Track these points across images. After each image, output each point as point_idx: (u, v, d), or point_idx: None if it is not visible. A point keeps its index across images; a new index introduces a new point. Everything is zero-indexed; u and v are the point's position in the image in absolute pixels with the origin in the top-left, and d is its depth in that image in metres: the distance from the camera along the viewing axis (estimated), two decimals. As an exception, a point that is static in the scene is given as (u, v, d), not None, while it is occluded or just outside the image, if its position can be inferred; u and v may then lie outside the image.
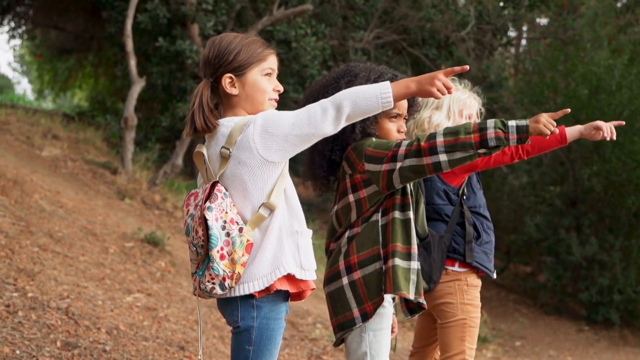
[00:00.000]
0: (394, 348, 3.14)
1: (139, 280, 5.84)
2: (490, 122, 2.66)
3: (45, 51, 19.73)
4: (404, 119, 2.99)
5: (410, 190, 2.90)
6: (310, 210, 14.44)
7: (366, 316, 2.81)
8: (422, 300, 2.87)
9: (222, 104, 2.56)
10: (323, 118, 2.37)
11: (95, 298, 4.98)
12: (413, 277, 2.81)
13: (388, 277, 2.78)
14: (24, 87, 54.97)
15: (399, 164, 2.70)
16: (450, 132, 2.67)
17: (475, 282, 3.35)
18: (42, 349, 3.90)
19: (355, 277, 2.82)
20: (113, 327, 4.56)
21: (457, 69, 2.48)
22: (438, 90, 2.44)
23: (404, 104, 2.96)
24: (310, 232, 2.54)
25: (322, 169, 2.97)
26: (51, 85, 22.13)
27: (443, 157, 2.65)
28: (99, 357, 4.07)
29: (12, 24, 17.24)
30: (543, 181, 12.90)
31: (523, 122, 2.66)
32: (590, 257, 11.31)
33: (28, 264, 5.09)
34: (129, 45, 9.57)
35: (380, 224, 2.84)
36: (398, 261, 2.78)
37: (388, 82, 2.41)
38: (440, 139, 2.65)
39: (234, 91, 2.51)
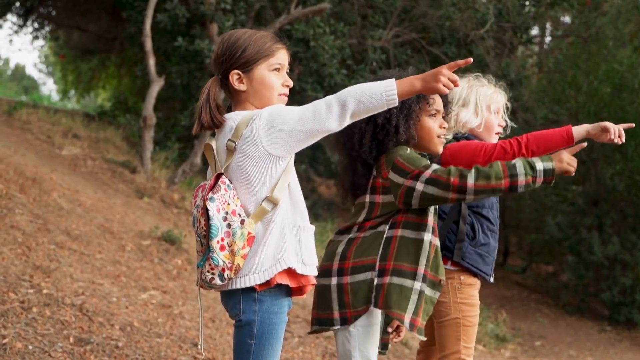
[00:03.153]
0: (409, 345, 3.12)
1: (154, 278, 5.87)
2: (520, 168, 2.67)
3: (69, 52, 19.93)
4: (442, 116, 2.99)
5: (434, 211, 2.88)
6: (331, 209, 14.43)
7: (345, 321, 2.82)
8: (417, 330, 2.81)
9: (232, 99, 2.59)
10: (328, 114, 2.37)
11: (110, 295, 5.01)
12: (414, 297, 2.77)
13: (382, 292, 2.76)
14: (49, 87, 55.55)
15: (421, 185, 2.70)
16: (482, 175, 2.68)
17: (470, 280, 3.29)
18: (54, 345, 3.93)
19: (344, 281, 2.82)
20: (127, 324, 4.58)
21: (461, 62, 2.45)
22: (444, 85, 2.42)
23: (439, 100, 2.96)
24: (313, 227, 2.54)
25: (366, 178, 2.94)
26: (75, 85, 22.35)
27: (470, 197, 2.69)
28: (112, 353, 4.09)
29: (36, 25, 17.42)
30: (565, 180, 12.80)
31: (550, 165, 2.68)
32: (612, 256, 11.22)
33: (44, 261, 5.13)
34: (148, 44, 9.63)
35: (385, 235, 2.82)
36: (400, 280, 2.76)
37: (393, 79, 2.39)
38: (471, 182, 2.67)
39: (241, 87, 2.52)
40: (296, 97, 9.43)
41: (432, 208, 2.85)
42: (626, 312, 10.89)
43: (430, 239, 2.82)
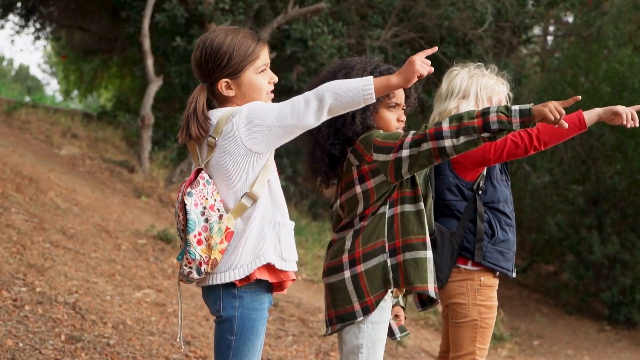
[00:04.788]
0: (398, 338, 3.11)
1: (149, 277, 5.88)
2: (494, 107, 2.67)
3: (70, 52, 19.94)
4: (402, 109, 2.99)
5: (420, 182, 2.91)
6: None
7: (367, 310, 2.81)
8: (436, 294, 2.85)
9: (217, 101, 2.58)
10: (306, 110, 2.39)
11: (104, 293, 5.03)
12: (430, 265, 2.80)
13: (400, 271, 2.79)
14: (53, 88, 55.51)
15: (406, 152, 2.72)
16: (455, 118, 2.69)
17: (490, 281, 3.23)
18: (45, 342, 3.95)
19: (358, 270, 2.82)
20: (120, 322, 4.59)
21: (429, 51, 2.50)
22: (419, 69, 2.47)
23: (401, 93, 2.97)
24: (293, 224, 2.56)
25: (324, 164, 2.96)
26: (77, 85, 22.35)
27: (448, 143, 2.66)
28: (103, 350, 4.11)
29: (37, 25, 17.43)
30: (565, 180, 12.79)
31: (526, 106, 2.65)
32: (612, 256, 11.20)
33: (39, 259, 5.15)
34: (146, 44, 9.66)
35: (387, 216, 2.84)
36: (413, 254, 2.79)
37: (371, 76, 2.43)
38: (445, 125, 2.68)
39: (230, 93, 2.53)
40: (295, 97, 9.42)
41: (420, 178, 2.88)
42: (626, 312, 10.87)
43: (423, 206, 2.87)
